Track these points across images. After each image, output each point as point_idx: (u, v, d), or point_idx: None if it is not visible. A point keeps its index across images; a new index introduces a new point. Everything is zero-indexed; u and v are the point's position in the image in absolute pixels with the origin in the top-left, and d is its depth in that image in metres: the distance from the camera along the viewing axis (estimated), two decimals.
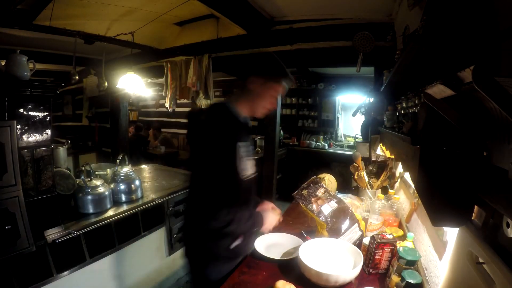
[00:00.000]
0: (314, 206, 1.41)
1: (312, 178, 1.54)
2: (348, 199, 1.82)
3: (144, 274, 2.06)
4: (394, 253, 1.12)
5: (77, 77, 3.26)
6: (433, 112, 0.71)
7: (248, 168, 1.19)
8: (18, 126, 1.30)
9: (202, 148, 1.12)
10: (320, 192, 1.49)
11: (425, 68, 0.89)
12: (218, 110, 1.19)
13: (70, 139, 3.76)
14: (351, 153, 2.92)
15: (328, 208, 1.42)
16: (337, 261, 1.22)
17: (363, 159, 2.01)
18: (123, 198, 1.93)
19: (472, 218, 0.78)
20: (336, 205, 1.45)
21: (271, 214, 1.33)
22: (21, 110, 1.32)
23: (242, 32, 2.92)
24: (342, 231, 1.37)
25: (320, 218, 1.38)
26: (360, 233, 1.43)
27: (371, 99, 2.14)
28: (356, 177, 1.94)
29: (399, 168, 1.94)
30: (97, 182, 1.77)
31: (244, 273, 1.17)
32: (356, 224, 1.43)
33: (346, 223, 1.40)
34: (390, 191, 1.64)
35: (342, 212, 1.44)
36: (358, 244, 1.34)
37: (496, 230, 0.65)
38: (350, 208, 1.48)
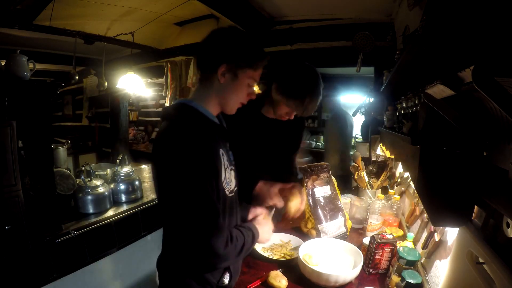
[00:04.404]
0: (309, 183, 1.47)
1: (323, 163, 1.59)
2: (348, 199, 1.82)
3: (144, 274, 2.06)
4: (394, 253, 1.12)
5: (77, 77, 3.26)
6: (433, 112, 0.71)
7: (233, 180, 0.95)
8: (18, 126, 1.30)
9: (171, 172, 0.79)
10: (323, 175, 1.54)
11: (425, 68, 0.89)
12: (184, 114, 0.87)
13: (70, 139, 3.76)
14: (351, 153, 2.92)
15: (321, 191, 1.49)
16: (337, 261, 1.22)
17: (363, 159, 2.01)
18: (123, 198, 1.93)
19: (472, 218, 0.78)
20: (329, 192, 1.52)
21: (265, 224, 1.07)
22: (21, 110, 1.32)
23: None
24: (324, 221, 1.44)
25: (308, 198, 1.46)
26: (344, 230, 1.48)
27: (371, 99, 2.14)
28: (356, 177, 1.94)
29: (399, 168, 1.94)
30: (97, 182, 1.77)
31: (244, 273, 1.17)
32: (342, 220, 1.49)
33: (332, 215, 1.47)
34: (390, 191, 1.64)
35: (330, 201, 1.51)
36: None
37: (496, 230, 0.65)
38: (339, 202, 1.54)
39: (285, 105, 1.23)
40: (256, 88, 3.53)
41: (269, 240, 1.12)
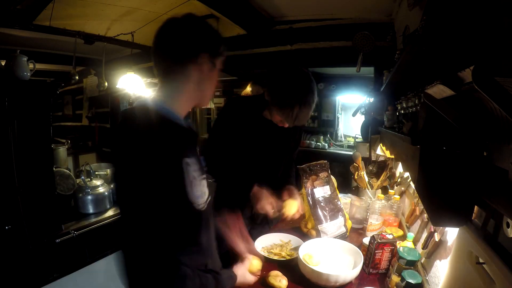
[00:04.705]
0: (308, 184, 1.46)
1: (322, 161, 1.58)
2: (348, 199, 1.82)
3: None
4: (394, 253, 1.12)
5: (77, 77, 3.26)
6: (433, 112, 0.71)
7: (203, 192, 0.83)
8: (18, 126, 1.30)
9: (131, 178, 0.70)
10: (322, 174, 1.53)
11: (425, 68, 0.89)
12: (148, 116, 0.73)
13: (70, 139, 3.75)
14: (351, 153, 2.92)
15: (320, 191, 1.49)
16: (337, 261, 1.22)
17: (363, 159, 2.01)
18: None
19: (472, 218, 0.78)
20: (329, 192, 1.52)
21: (244, 272, 0.98)
22: (21, 110, 1.32)
23: (242, 32, 2.91)
24: (324, 221, 1.43)
25: (308, 198, 1.45)
26: (344, 230, 1.48)
27: (371, 99, 2.14)
28: (356, 177, 1.94)
29: (399, 168, 1.93)
30: (97, 182, 1.77)
31: None
32: (342, 220, 1.49)
33: (332, 215, 1.47)
34: (390, 191, 1.64)
35: (330, 202, 1.50)
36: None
37: (496, 230, 0.65)
38: (339, 202, 1.53)
39: (276, 113, 1.20)
40: (248, 89, 3.51)
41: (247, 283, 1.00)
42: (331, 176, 1.59)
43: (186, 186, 0.75)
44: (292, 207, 1.26)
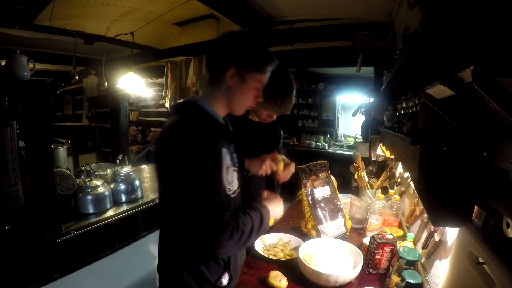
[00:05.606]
0: (308, 184, 1.46)
1: (322, 161, 1.58)
2: (348, 199, 1.82)
3: (144, 274, 2.06)
4: (394, 253, 1.12)
5: (77, 77, 3.26)
6: (433, 112, 0.71)
7: (235, 181, 0.96)
8: (18, 126, 1.30)
9: (175, 164, 0.80)
10: (322, 174, 1.53)
11: (425, 68, 0.90)
12: (191, 110, 0.91)
13: (70, 139, 3.77)
14: (351, 153, 2.93)
15: (320, 192, 1.49)
16: (337, 261, 1.22)
17: (363, 159, 2.01)
18: (123, 198, 1.93)
19: (472, 218, 0.78)
20: (329, 192, 1.51)
21: (273, 199, 1.06)
22: (21, 110, 1.32)
23: None
24: (324, 221, 1.44)
25: (308, 198, 1.44)
26: (344, 230, 1.48)
27: (371, 99, 2.15)
28: (356, 177, 1.94)
29: (399, 168, 1.94)
30: (97, 182, 1.77)
31: (244, 273, 1.17)
32: (342, 220, 1.49)
33: (332, 215, 1.47)
34: (390, 191, 1.64)
35: (330, 202, 1.51)
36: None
37: (496, 230, 0.65)
38: (339, 202, 1.53)
39: (262, 108, 1.29)
40: None
41: (282, 215, 1.09)
42: (331, 176, 1.59)
43: (222, 170, 0.86)
44: (278, 163, 1.26)
